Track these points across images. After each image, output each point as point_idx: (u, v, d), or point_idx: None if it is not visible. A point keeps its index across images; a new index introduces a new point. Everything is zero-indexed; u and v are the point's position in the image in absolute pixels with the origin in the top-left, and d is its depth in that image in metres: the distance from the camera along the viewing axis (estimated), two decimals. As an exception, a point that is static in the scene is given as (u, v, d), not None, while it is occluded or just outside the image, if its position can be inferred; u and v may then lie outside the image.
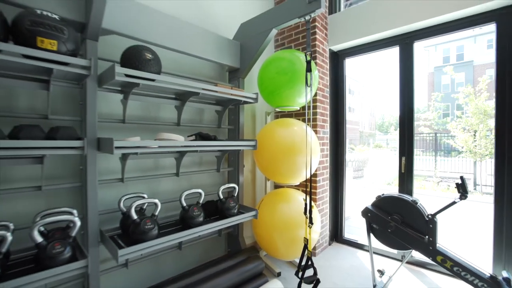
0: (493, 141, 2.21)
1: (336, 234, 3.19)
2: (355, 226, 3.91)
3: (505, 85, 2.10)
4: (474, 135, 7.85)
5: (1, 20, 1.11)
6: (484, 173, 7.86)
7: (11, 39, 1.18)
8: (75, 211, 1.46)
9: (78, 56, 1.35)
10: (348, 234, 3.24)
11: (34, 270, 1.19)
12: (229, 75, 2.54)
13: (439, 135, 11.74)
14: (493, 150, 2.21)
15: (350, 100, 32.06)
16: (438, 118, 12.54)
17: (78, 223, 1.35)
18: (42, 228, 1.31)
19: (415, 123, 2.67)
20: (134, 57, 1.51)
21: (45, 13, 1.20)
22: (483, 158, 7.64)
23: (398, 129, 2.74)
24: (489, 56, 23.13)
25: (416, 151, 15.09)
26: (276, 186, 3.00)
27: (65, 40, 1.23)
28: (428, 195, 6.84)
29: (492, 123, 8.22)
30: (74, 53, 1.30)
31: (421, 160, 12.02)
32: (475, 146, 7.76)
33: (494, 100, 2.19)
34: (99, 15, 1.42)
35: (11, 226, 1.29)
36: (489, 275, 1.65)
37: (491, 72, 23.08)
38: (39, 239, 1.23)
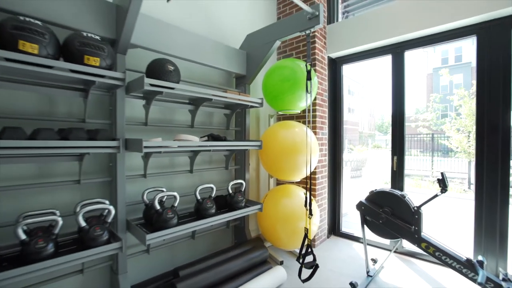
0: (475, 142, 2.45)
1: (334, 228, 3.43)
2: (352, 222, 4.14)
3: (483, 92, 2.35)
4: (468, 136, 8.12)
5: (55, 41, 1.35)
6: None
7: (62, 57, 1.42)
8: (107, 202, 1.70)
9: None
10: (345, 228, 3.47)
11: (78, 249, 1.43)
12: (236, 81, 2.78)
13: (436, 136, 11.99)
14: (474, 151, 2.45)
15: (350, 101, 32.31)
16: (436, 119, 12.80)
17: (113, 211, 1.59)
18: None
19: (414, 124, 2.94)
20: (158, 69, 1.75)
21: (89, 35, 1.44)
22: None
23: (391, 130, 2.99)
24: (487, 57, 23.37)
25: (415, 152, 15.37)
26: (278, 183, 3.24)
27: (105, 57, 1.47)
28: (423, 193, 7.10)
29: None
30: (111, 67, 1.54)
31: (419, 160, 12.28)
32: (469, 146, 8.02)
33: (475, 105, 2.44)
34: (129, 33, 1.66)
35: (58, 213, 1.53)
36: (465, 258, 1.89)
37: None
38: (82, 223, 1.47)
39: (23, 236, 1.30)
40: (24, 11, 1.37)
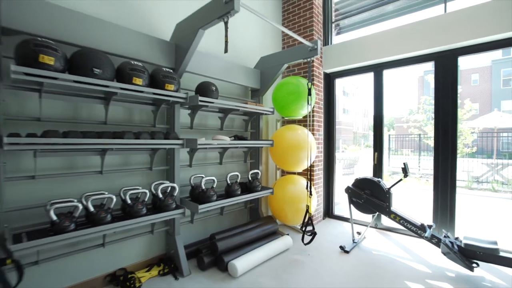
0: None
1: (328, 211, 4.20)
2: (343, 208, 4.91)
3: (439, 104, 3.14)
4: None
5: (148, 75, 2.07)
6: (458, 169, 9.00)
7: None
8: (167, 182, 2.42)
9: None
10: (337, 212, 4.25)
11: (155, 213, 2.15)
12: (251, 93, 3.53)
13: (422, 136, 12.89)
14: (433, 150, 3.23)
15: (345, 102, 33.31)
16: (427, 120, 13.73)
17: (177, 188, 2.32)
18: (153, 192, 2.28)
19: (406, 124, 3.69)
20: (205, 89, 2.49)
21: (166, 69, 2.17)
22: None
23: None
24: (475, 61, 24.47)
25: (406, 151, 16.30)
26: (283, 174, 3.99)
27: (176, 84, 2.20)
28: (408, 187, 7.96)
29: (463, 126, 9.40)
30: (177, 90, 2.27)
31: (408, 159, 13.16)
32: (450, 146, 8.88)
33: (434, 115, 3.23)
34: (186, 64, 2.39)
35: (140, 188, 2.25)
36: (420, 223, 2.67)
37: (476, 77, 24.56)
38: (160, 195, 2.20)
39: (129, 201, 2.02)
40: (126, 54, 2.10)
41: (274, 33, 4.08)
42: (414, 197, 6.67)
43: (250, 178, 3.07)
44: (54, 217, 1.65)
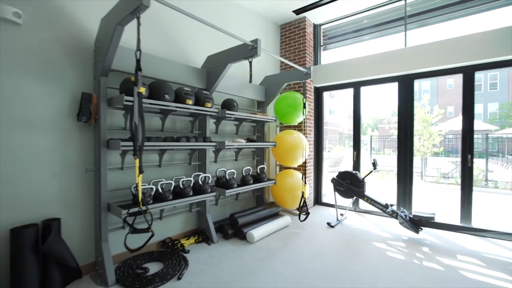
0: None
1: (317, 200, 5.17)
2: (329, 198, 5.90)
3: (401, 114, 4.15)
4: (420, 138, 10.25)
5: (195, 97, 2.92)
6: (429, 166, 10.29)
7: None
8: (202, 173, 3.27)
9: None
10: (324, 200, 5.21)
11: (196, 195, 3.00)
12: (257, 104, 4.42)
13: (400, 137, 14.15)
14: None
15: (331, 103, 34.80)
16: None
17: (211, 177, 3.18)
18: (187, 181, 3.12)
19: (388, 125, 4.66)
20: (229, 104, 3.36)
21: (205, 92, 3.03)
22: (425, 155, 10.08)
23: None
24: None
25: (388, 151, 17.63)
26: (281, 169, 4.89)
27: (211, 102, 3.06)
28: (386, 181, 9.09)
29: (432, 129, 10.68)
30: (212, 106, 3.13)
31: (389, 159, 14.42)
32: (422, 145, 10.15)
33: (397, 123, 4.24)
34: (216, 85, 3.26)
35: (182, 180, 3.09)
36: (384, 203, 3.66)
37: (452, 81, 26.52)
38: (200, 182, 3.06)
39: (181, 186, 2.87)
40: (177, 81, 2.95)
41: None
42: (389, 188, 7.77)
43: (258, 171, 3.97)
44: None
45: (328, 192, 6.16)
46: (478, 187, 8.20)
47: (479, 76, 23.30)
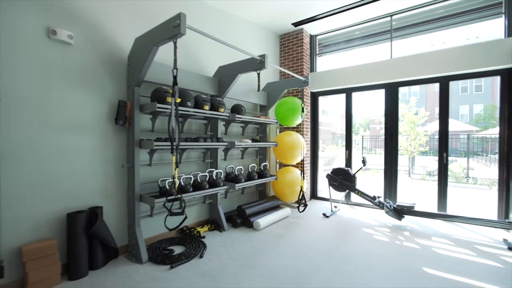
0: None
1: (314, 194, 5.68)
2: (324, 193, 6.43)
3: (387, 117, 4.70)
4: (407, 138, 10.93)
5: (210, 102, 3.38)
6: (416, 165, 10.96)
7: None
8: (213, 169, 3.73)
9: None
10: (320, 195, 5.73)
11: (211, 188, 3.46)
12: (260, 108, 4.90)
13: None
14: (383, 148, 4.79)
15: (324, 103, 35.57)
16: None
17: (223, 173, 3.64)
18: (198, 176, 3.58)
19: (379, 126, 5.18)
20: (238, 109, 3.83)
21: (218, 99, 3.49)
22: (412, 154, 10.77)
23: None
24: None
25: (379, 150, 18.31)
26: (280, 167, 5.38)
27: (224, 107, 3.52)
28: (376, 177, 9.70)
29: (419, 129, 11.38)
30: (224, 111, 3.59)
31: (378, 158, 15.10)
32: (409, 145, 10.82)
33: (384, 125, 4.78)
34: (226, 93, 3.72)
35: (195, 175, 3.55)
36: (372, 195, 4.19)
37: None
38: (214, 177, 3.52)
39: (199, 180, 3.33)
40: (195, 89, 3.41)
41: (275, 64, 5.48)
42: (379, 184, 8.36)
43: (262, 168, 4.45)
44: (168, 187, 2.93)
45: (323, 188, 6.69)
46: (460, 183, 8.89)
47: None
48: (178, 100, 2.28)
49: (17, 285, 2.22)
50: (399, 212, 3.90)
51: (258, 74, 3.29)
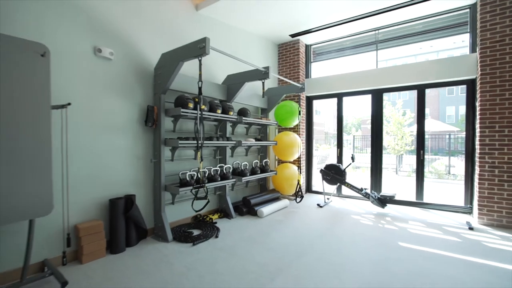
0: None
1: (309, 188, 6.30)
2: (318, 188, 7.05)
3: (373, 120, 5.34)
4: (394, 138, 11.70)
5: (221, 107, 3.93)
6: (403, 163, 11.74)
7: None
8: (223, 165, 4.28)
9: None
10: (314, 189, 6.35)
11: (222, 180, 4.01)
12: (261, 111, 5.47)
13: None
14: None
15: (317, 104, 36.45)
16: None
17: (231, 168, 4.20)
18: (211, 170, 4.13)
19: (369, 126, 5.80)
20: (244, 112, 4.40)
21: (228, 103, 4.05)
22: (399, 153, 11.56)
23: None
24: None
25: (369, 149, 19.08)
26: (279, 163, 5.97)
27: (233, 111, 4.08)
28: (364, 177, 10.39)
29: (405, 130, 12.16)
30: (233, 114, 4.15)
31: (369, 157, 15.88)
32: (396, 144, 11.59)
33: (370, 125, 5.42)
34: (234, 98, 4.29)
35: (207, 170, 4.10)
36: (360, 187, 4.82)
37: (427, 90, 28.65)
38: (225, 171, 4.08)
39: (212, 173, 3.88)
40: (208, 95, 3.96)
41: (274, 70, 6.07)
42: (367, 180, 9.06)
43: (263, 164, 5.02)
44: (188, 179, 3.47)
45: (317, 183, 7.33)
46: (441, 179, 9.67)
47: (450, 81, 25.33)
48: (203, 107, 2.83)
49: (77, 255, 2.74)
50: (382, 201, 4.54)
51: (263, 83, 3.86)
